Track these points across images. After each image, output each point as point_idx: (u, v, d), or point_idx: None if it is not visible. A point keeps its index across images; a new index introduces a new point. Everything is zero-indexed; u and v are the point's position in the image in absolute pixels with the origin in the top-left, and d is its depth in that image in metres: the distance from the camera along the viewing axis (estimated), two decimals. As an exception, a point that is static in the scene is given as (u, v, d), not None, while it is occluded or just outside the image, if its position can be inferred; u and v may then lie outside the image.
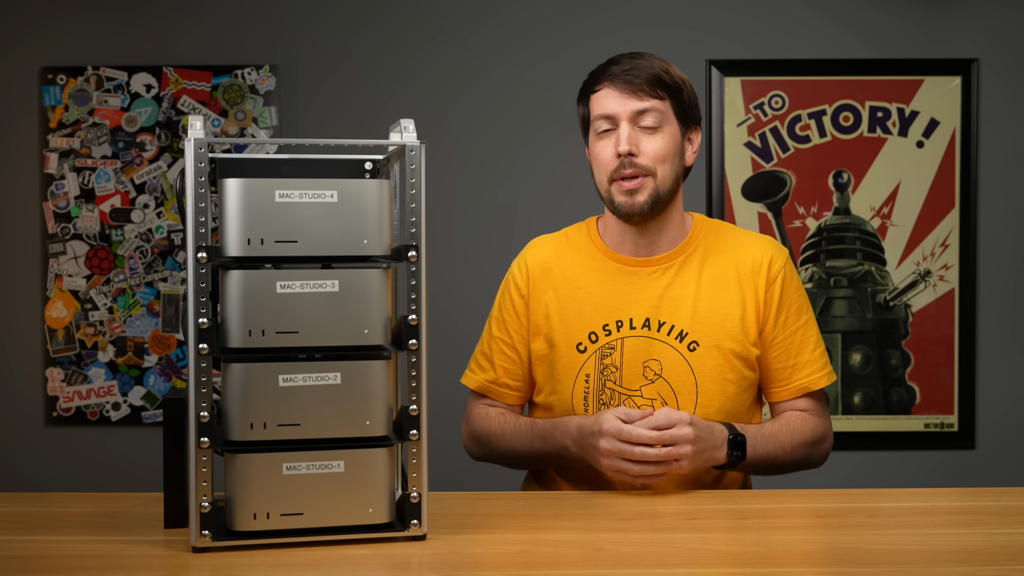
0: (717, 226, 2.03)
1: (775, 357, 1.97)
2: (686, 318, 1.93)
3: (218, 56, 3.35)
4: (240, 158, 1.57)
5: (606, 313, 1.95)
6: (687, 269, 1.96)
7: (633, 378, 1.93)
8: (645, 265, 1.97)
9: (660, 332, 1.94)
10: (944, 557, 1.45)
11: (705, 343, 1.93)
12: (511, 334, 2.02)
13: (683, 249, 1.98)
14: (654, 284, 1.96)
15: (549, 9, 3.34)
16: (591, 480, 1.94)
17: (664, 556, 1.48)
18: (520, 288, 2.02)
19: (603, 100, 1.92)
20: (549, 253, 2.03)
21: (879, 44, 3.32)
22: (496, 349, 2.03)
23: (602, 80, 1.93)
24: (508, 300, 2.04)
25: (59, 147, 3.34)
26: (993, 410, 3.34)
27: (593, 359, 1.95)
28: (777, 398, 1.99)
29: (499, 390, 2.04)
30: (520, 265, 2.05)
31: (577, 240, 2.04)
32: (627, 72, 1.90)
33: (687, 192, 3.31)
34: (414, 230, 1.51)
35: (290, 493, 1.48)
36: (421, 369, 1.51)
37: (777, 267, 1.97)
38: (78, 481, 3.33)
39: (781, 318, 1.96)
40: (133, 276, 3.35)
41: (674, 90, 1.93)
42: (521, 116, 3.33)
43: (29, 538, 1.56)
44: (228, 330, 1.47)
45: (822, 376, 1.97)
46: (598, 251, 2.00)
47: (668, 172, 1.92)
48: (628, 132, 1.89)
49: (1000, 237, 3.33)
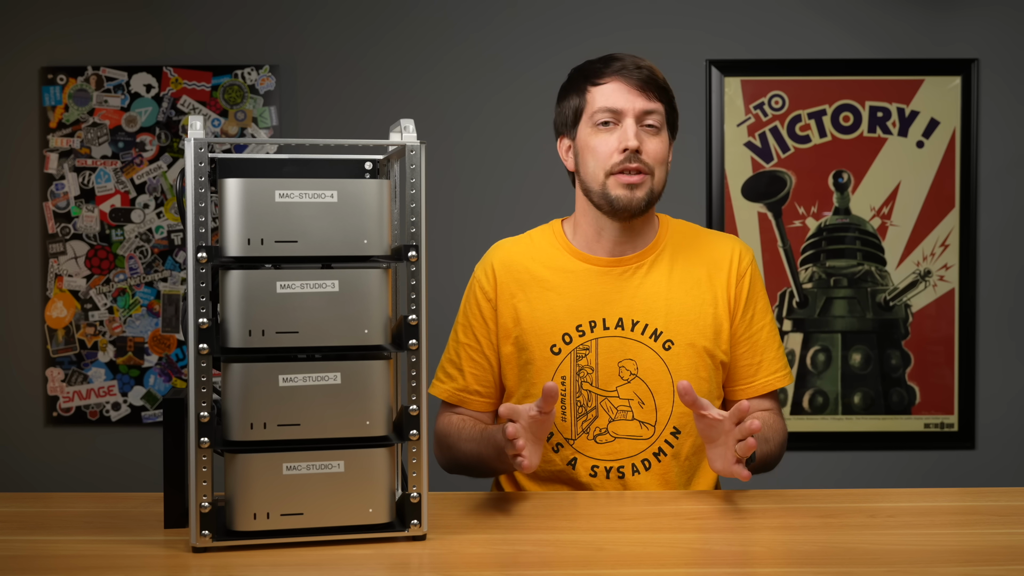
0: (683, 226, 2.04)
1: (741, 354, 1.97)
2: (660, 317, 1.93)
3: (218, 56, 3.35)
4: (240, 158, 1.57)
5: (579, 314, 1.95)
6: (657, 268, 1.96)
7: (609, 378, 1.93)
8: (616, 265, 1.97)
9: (635, 332, 1.93)
10: (944, 557, 1.45)
11: (680, 341, 1.93)
12: (479, 340, 2.00)
13: (652, 248, 1.98)
14: (626, 284, 1.95)
15: (549, 9, 3.34)
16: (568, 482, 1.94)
17: (664, 556, 1.48)
18: (487, 292, 2.00)
19: (609, 93, 1.91)
20: (515, 255, 2.01)
21: (879, 44, 3.32)
22: (465, 356, 2.00)
23: (609, 74, 1.92)
24: (475, 305, 2.01)
25: (59, 147, 3.34)
26: (993, 410, 3.34)
27: (568, 361, 1.94)
28: (741, 396, 1.98)
29: (469, 398, 2.01)
30: (485, 268, 2.02)
31: (542, 242, 2.02)
32: (637, 70, 1.91)
33: (687, 192, 3.32)
34: (414, 230, 1.51)
35: (290, 493, 1.48)
36: (421, 369, 1.51)
37: (745, 263, 1.99)
38: (78, 481, 3.33)
39: (748, 314, 1.97)
40: (133, 276, 3.35)
41: (669, 97, 1.95)
42: (521, 116, 3.33)
43: (29, 538, 1.56)
44: (228, 330, 1.47)
45: (784, 376, 1.99)
46: (567, 252, 1.99)
47: (662, 176, 1.93)
48: (635, 129, 1.89)
49: (1000, 237, 3.33)
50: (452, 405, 2.02)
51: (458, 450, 1.96)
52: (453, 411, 2.02)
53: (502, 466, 1.88)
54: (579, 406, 1.93)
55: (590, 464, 1.93)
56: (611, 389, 1.93)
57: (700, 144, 3.33)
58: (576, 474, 1.93)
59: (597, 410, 1.93)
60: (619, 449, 1.93)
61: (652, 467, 1.93)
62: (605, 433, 1.93)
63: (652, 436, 1.92)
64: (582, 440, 1.93)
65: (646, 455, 1.93)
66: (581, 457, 1.93)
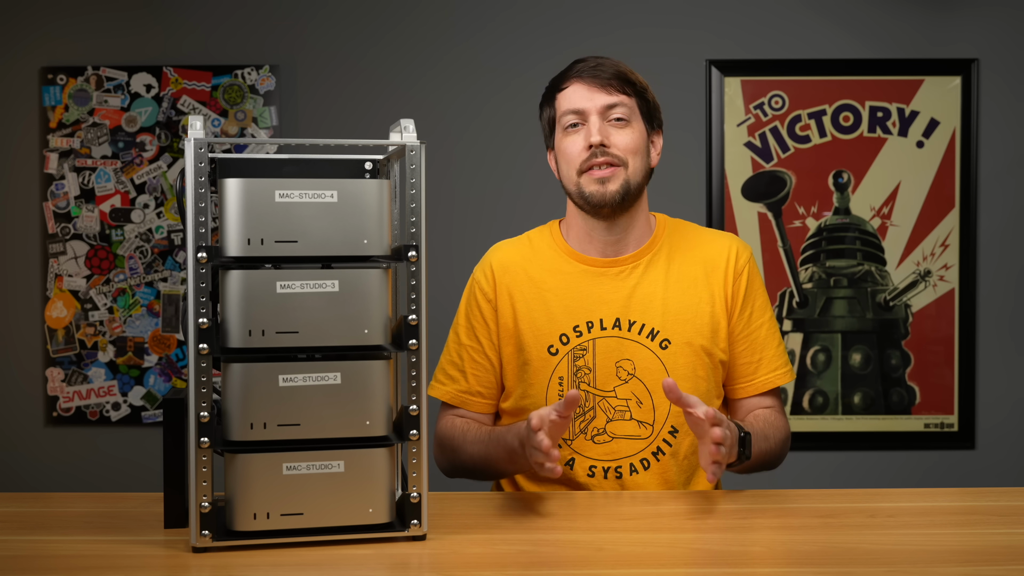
0: (680, 225, 2.04)
1: (740, 352, 1.97)
2: (656, 316, 1.93)
3: (218, 56, 3.35)
4: (240, 158, 1.57)
5: (575, 315, 1.95)
6: (654, 268, 1.96)
7: (606, 378, 1.93)
8: (612, 265, 1.97)
9: (631, 331, 1.93)
10: (944, 557, 1.45)
11: (677, 340, 1.93)
12: (481, 341, 2.00)
13: (649, 248, 1.98)
14: (622, 284, 1.96)
15: (550, 9, 3.34)
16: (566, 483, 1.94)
17: (664, 556, 1.48)
18: (486, 293, 2.00)
19: (571, 96, 1.92)
20: (513, 256, 2.02)
21: (879, 44, 3.32)
22: (467, 358, 2.00)
23: (570, 77, 1.94)
24: (475, 306, 2.01)
25: (59, 147, 3.34)
26: (993, 410, 3.34)
27: (566, 361, 1.94)
28: (742, 394, 1.98)
29: (471, 399, 2.00)
30: (484, 270, 2.03)
31: (540, 243, 2.03)
32: (595, 68, 1.92)
33: (687, 192, 3.32)
34: (414, 230, 1.51)
35: (290, 493, 1.48)
36: (421, 369, 1.51)
37: (743, 261, 1.98)
38: (78, 481, 3.33)
39: (746, 312, 1.97)
40: (133, 276, 3.35)
41: (639, 90, 1.95)
42: (521, 116, 3.33)
43: (29, 538, 1.56)
44: (228, 330, 1.47)
45: (785, 373, 1.98)
46: (563, 253, 2.00)
47: (639, 165, 1.92)
48: (599, 124, 1.90)
49: (1000, 237, 3.33)
50: (452, 407, 2.02)
51: (464, 453, 1.95)
52: (454, 413, 2.02)
53: (512, 467, 1.88)
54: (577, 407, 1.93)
55: (588, 464, 1.93)
56: (608, 389, 1.93)
57: (700, 144, 3.33)
58: (574, 474, 1.93)
59: (595, 410, 1.93)
60: (617, 449, 1.93)
61: (651, 467, 1.93)
62: (603, 433, 1.93)
63: (650, 436, 1.92)
64: (580, 440, 1.93)
65: (644, 455, 1.93)
66: (579, 457, 1.93)
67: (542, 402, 1.94)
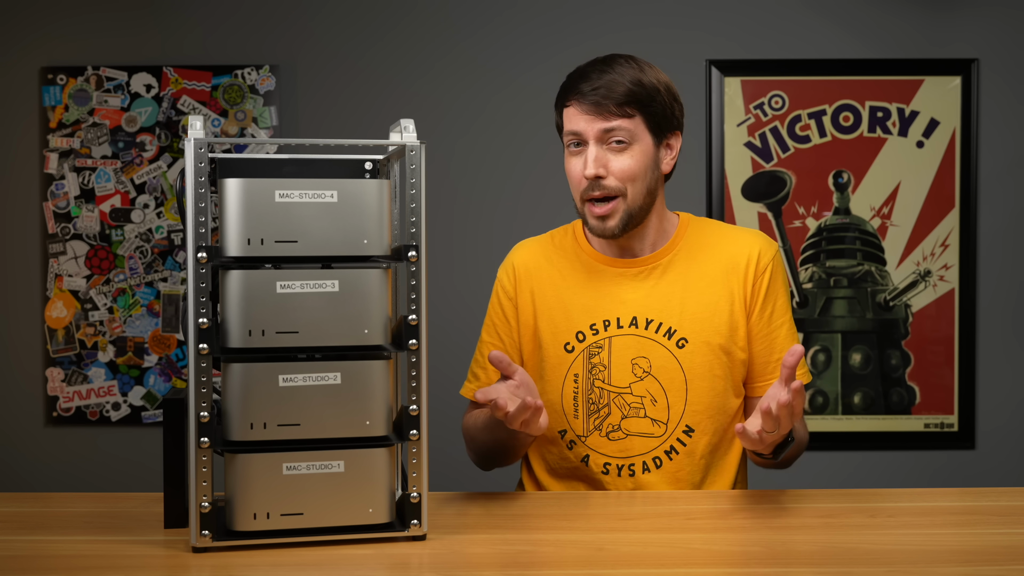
0: (704, 224, 2.02)
1: (759, 351, 1.96)
2: (674, 315, 1.93)
3: (218, 56, 3.35)
4: (240, 158, 1.57)
5: (593, 313, 1.95)
6: (673, 269, 1.96)
7: (622, 375, 1.93)
8: (630, 266, 1.97)
9: (648, 330, 1.94)
10: (944, 557, 1.45)
11: (694, 340, 1.93)
12: (502, 338, 2.02)
13: (667, 250, 1.97)
14: (640, 284, 1.96)
15: (550, 10, 3.34)
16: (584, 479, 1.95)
17: (664, 556, 1.48)
18: (508, 291, 2.02)
19: (571, 117, 1.89)
20: (535, 255, 2.03)
21: (879, 44, 3.32)
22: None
23: (571, 97, 1.90)
24: (497, 304, 2.03)
25: (59, 147, 3.35)
26: (993, 410, 3.34)
27: (581, 358, 1.95)
28: (760, 393, 1.98)
29: None
30: (507, 268, 2.04)
31: (563, 242, 2.04)
32: (594, 91, 1.86)
33: (687, 192, 3.32)
34: (414, 230, 1.51)
35: (290, 493, 1.48)
36: (421, 369, 1.51)
37: (766, 260, 1.97)
38: (78, 481, 3.33)
39: (767, 311, 1.96)
40: (133, 276, 3.35)
41: (645, 103, 1.87)
42: (521, 116, 3.33)
43: (29, 538, 1.56)
44: (228, 330, 1.47)
45: (803, 373, 1.98)
46: (584, 252, 2.00)
47: (639, 190, 1.89)
48: (596, 153, 1.86)
49: (1000, 237, 3.33)
50: (477, 404, 2.03)
51: (479, 442, 1.98)
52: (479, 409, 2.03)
53: (516, 440, 1.87)
54: (591, 403, 1.94)
55: (602, 461, 1.94)
56: (624, 386, 1.93)
57: (700, 144, 3.33)
58: (589, 470, 1.94)
59: (609, 407, 1.93)
60: (630, 446, 1.93)
61: (663, 465, 1.93)
62: (618, 430, 1.93)
63: (664, 434, 1.93)
64: (594, 437, 1.94)
65: (657, 452, 1.93)
66: (593, 454, 1.94)
67: (558, 399, 1.95)
